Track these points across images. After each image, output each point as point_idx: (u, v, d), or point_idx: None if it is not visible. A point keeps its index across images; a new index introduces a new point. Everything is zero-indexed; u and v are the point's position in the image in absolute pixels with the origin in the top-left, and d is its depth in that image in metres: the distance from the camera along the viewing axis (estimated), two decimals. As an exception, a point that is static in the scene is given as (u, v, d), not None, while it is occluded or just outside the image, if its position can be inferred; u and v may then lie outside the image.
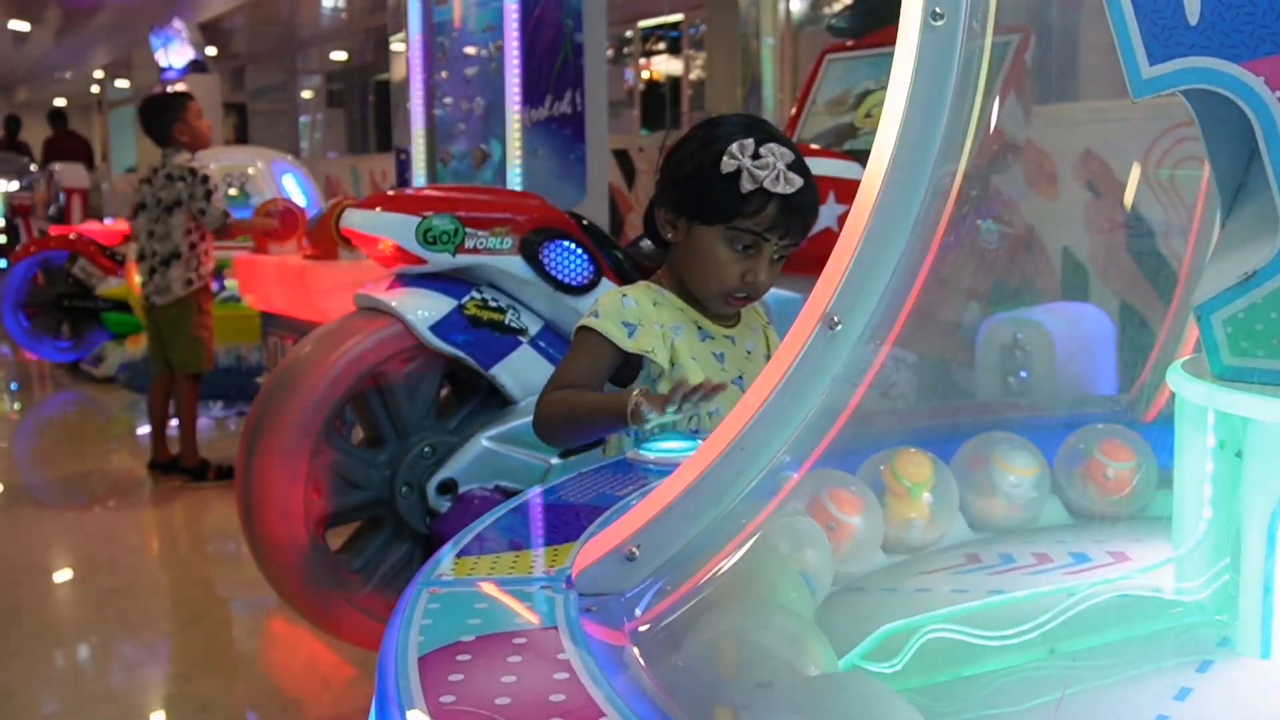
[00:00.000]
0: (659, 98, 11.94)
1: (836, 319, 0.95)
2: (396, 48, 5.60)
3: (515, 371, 2.78)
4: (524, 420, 2.73)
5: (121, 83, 19.41)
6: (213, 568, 4.15)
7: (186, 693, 3.01)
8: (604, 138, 4.42)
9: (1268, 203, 0.97)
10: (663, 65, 12.04)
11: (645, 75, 12.04)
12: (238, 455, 2.73)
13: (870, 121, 3.57)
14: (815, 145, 3.53)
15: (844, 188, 2.95)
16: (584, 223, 2.95)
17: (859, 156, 3.22)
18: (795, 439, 0.97)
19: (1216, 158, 1.06)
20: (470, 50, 4.63)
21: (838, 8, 6.48)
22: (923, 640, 0.97)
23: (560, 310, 2.83)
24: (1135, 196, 3.05)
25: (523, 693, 0.82)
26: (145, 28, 11.70)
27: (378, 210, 2.80)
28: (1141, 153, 3.36)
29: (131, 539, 4.46)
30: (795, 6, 9.26)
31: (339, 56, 17.10)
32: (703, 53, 10.52)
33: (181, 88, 8.09)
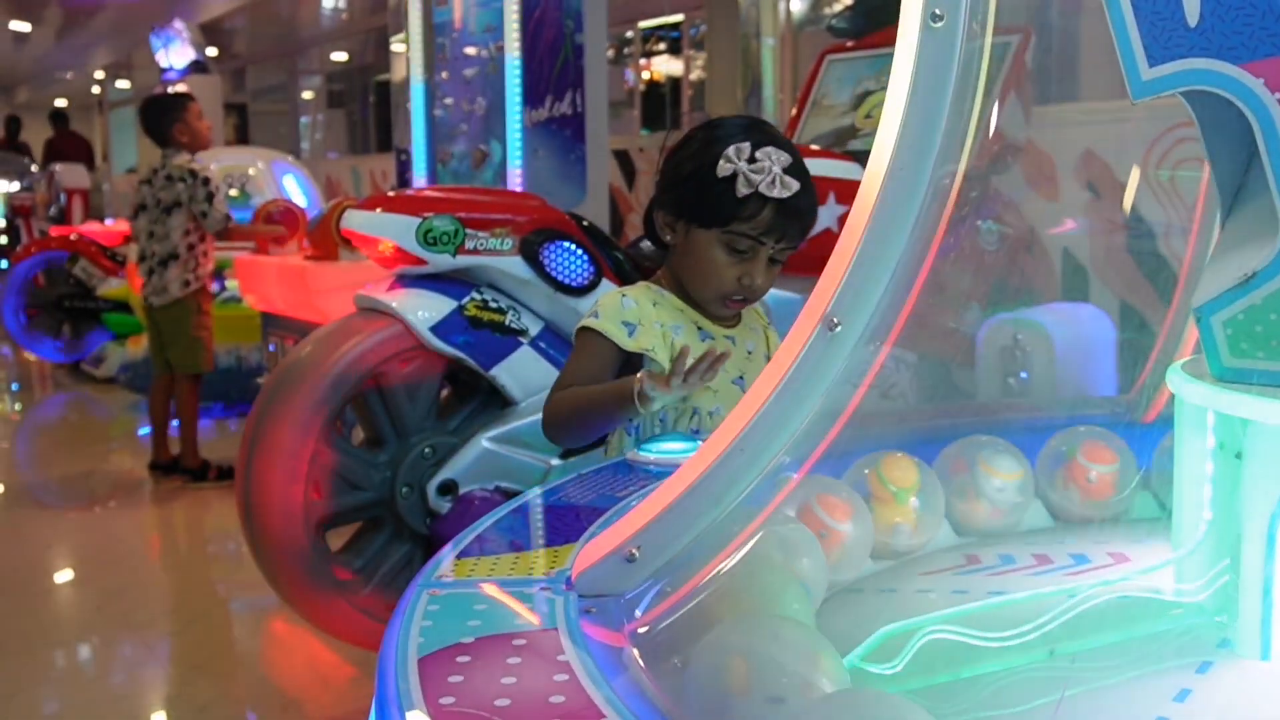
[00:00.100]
0: (659, 98, 11.94)
1: (836, 320, 0.94)
2: (397, 48, 5.60)
3: (515, 372, 2.78)
4: (524, 421, 2.74)
5: (122, 83, 19.42)
6: (213, 568, 4.15)
7: (186, 693, 3.01)
8: (604, 138, 4.42)
9: (1267, 204, 0.97)
10: (663, 66, 12.04)
11: (645, 76, 12.03)
12: (238, 456, 2.73)
13: (870, 122, 3.57)
14: (815, 146, 3.53)
15: (844, 188, 2.95)
16: (584, 223, 2.95)
17: (859, 157, 3.22)
18: (795, 440, 0.97)
19: (1216, 159, 1.06)
20: (470, 51, 4.63)
21: (838, 8, 6.48)
22: (922, 641, 0.96)
23: (560, 311, 2.83)
24: (1135, 197, 3.05)
25: (522, 694, 0.82)
26: (146, 28, 11.71)
27: (378, 211, 2.80)
28: (1141, 153, 3.35)
29: (132, 539, 4.46)
30: (795, 7, 9.26)
31: (339, 57, 17.11)
32: (703, 53, 10.52)
33: (182, 88, 8.09)
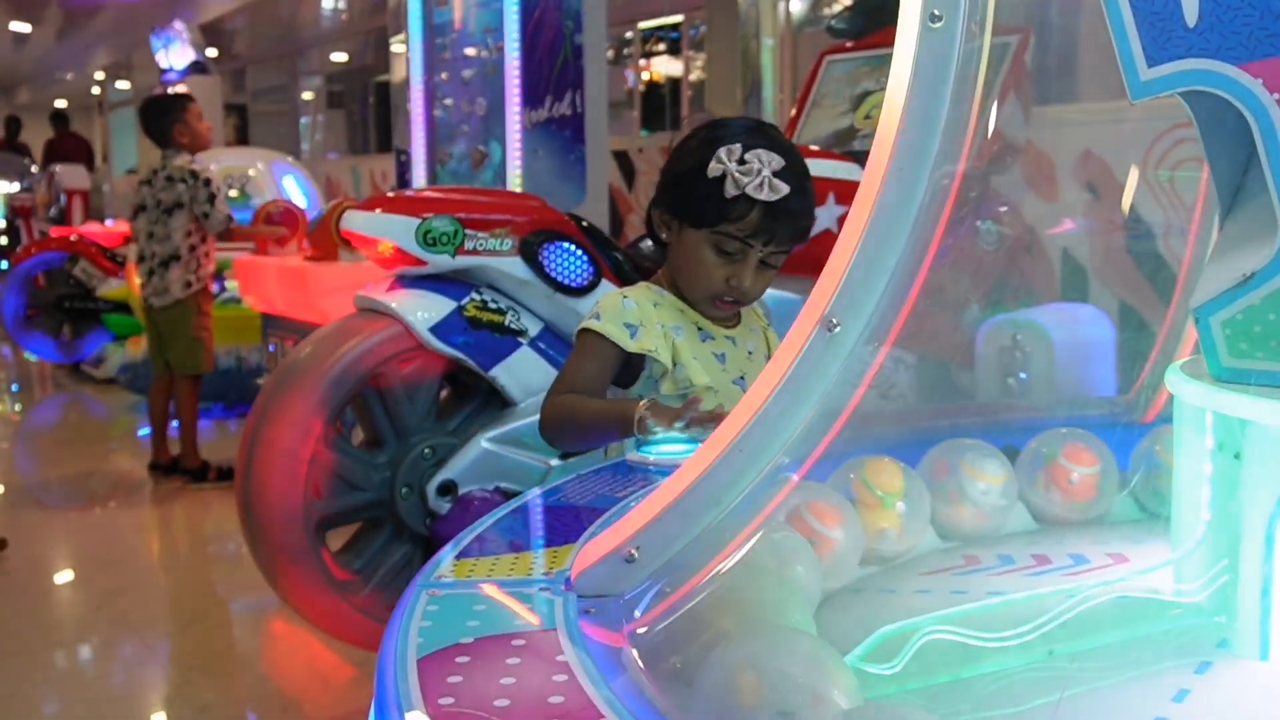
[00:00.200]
0: (659, 99, 11.93)
1: (835, 320, 0.95)
2: (397, 49, 5.60)
3: (515, 373, 2.78)
4: (524, 422, 2.74)
5: (122, 84, 19.43)
6: (213, 569, 4.15)
7: (186, 693, 3.01)
8: (604, 139, 4.42)
9: (1266, 204, 0.97)
10: (663, 66, 12.04)
11: (645, 76, 12.03)
12: (238, 456, 2.73)
13: (870, 123, 3.57)
14: (815, 146, 3.54)
15: (843, 189, 2.95)
16: (584, 224, 2.95)
17: (858, 158, 3.23)
18: (794, 441, 0.97)
19: (1215, 159, 1.06)
20: (470, 51, 4.63)
21: (837, 9, 6.48)
22: (922, 641, 0.96)
23: (560, 311, 2.83)
24: (1134, 198, 3.05)
25: (522, 694, 0.82)
26: (146, 29, 11.71)
27: (378, 212, 2.80)
28: (1141, 154, 3.36)
29: (132, 540, 4.46)
30: (795, 7, 9.27)
31: (339, 58, 17.10)
32: (703, 54, 10.52)
33: (182, 89, 8.09)
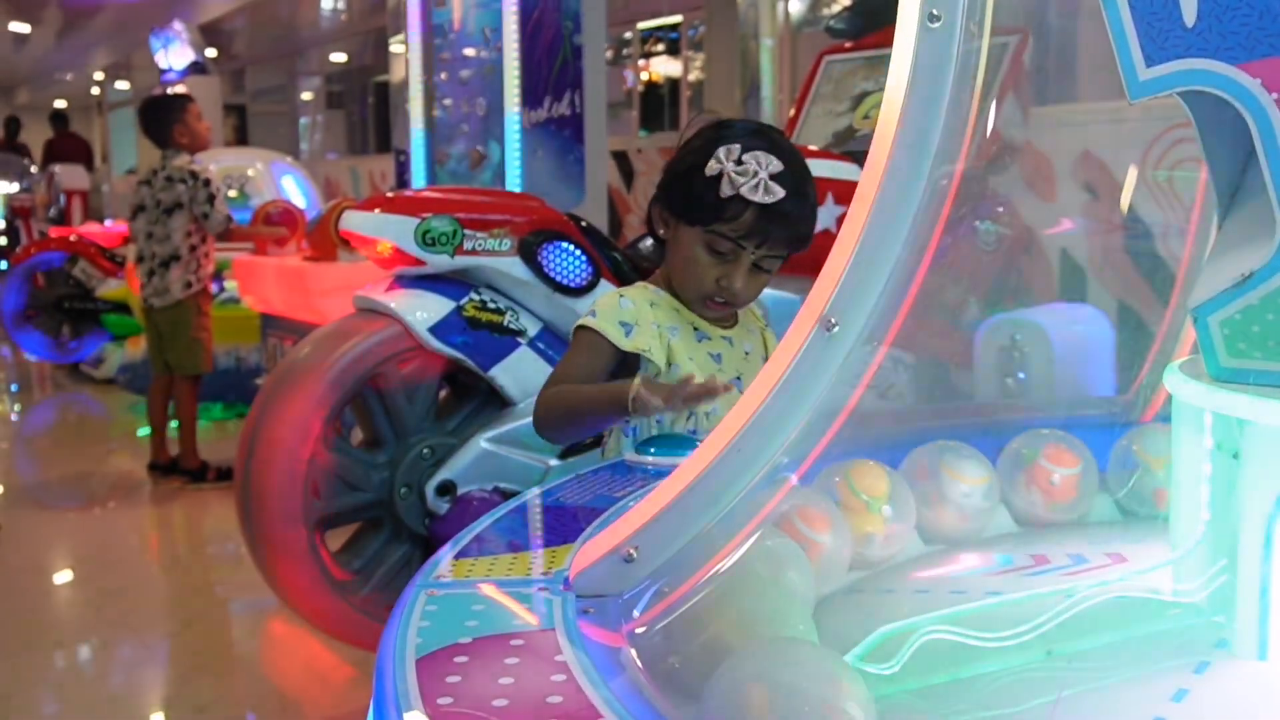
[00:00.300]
0: (658, 99, 11.94)
1: (834, 320, 0.95)
2: (396, 49, 5.60)
3: (514, 373, 2.78)
4: (523, 422, 2.73)
5: (122, 84, 19.44)
6: (212, 569, 4.15)
7: (186, 693, 3.01)
8: (603, 139, 4.42)
9: (1264, 204, 0.97)
10: (662, 67, 12.04)
11: (644, 77, 12.04)
12: (237, 456, 2.73)
13: (869, 123, 3.57)
14: (814, 146, 3.54)
15: (842, 189, 2.95)
16: (582, 224, 2.95)
17: (857, 158, 3.23)
18: (793, 441, 0.97)
19: (1213, 159, 1.06)
20: (469, 52, 4.63)
21: (836, 9, 6.48)
22: (920, 641, 0.96)
23: (559, 312, 2.83)
24: (1133, 198, 3.05)
25: (520, 694, 0.82)
26: (145, 29, 11.72)
27: (377, 212, 2.80)
28: (1139, 154, 3.36)
29: (131, 540, 4.46)
30: (794, 8, 9.27)
31: (339, 58, 17.11)
32: (702, 54, 10.53)
33: (181, 89, 8.09)
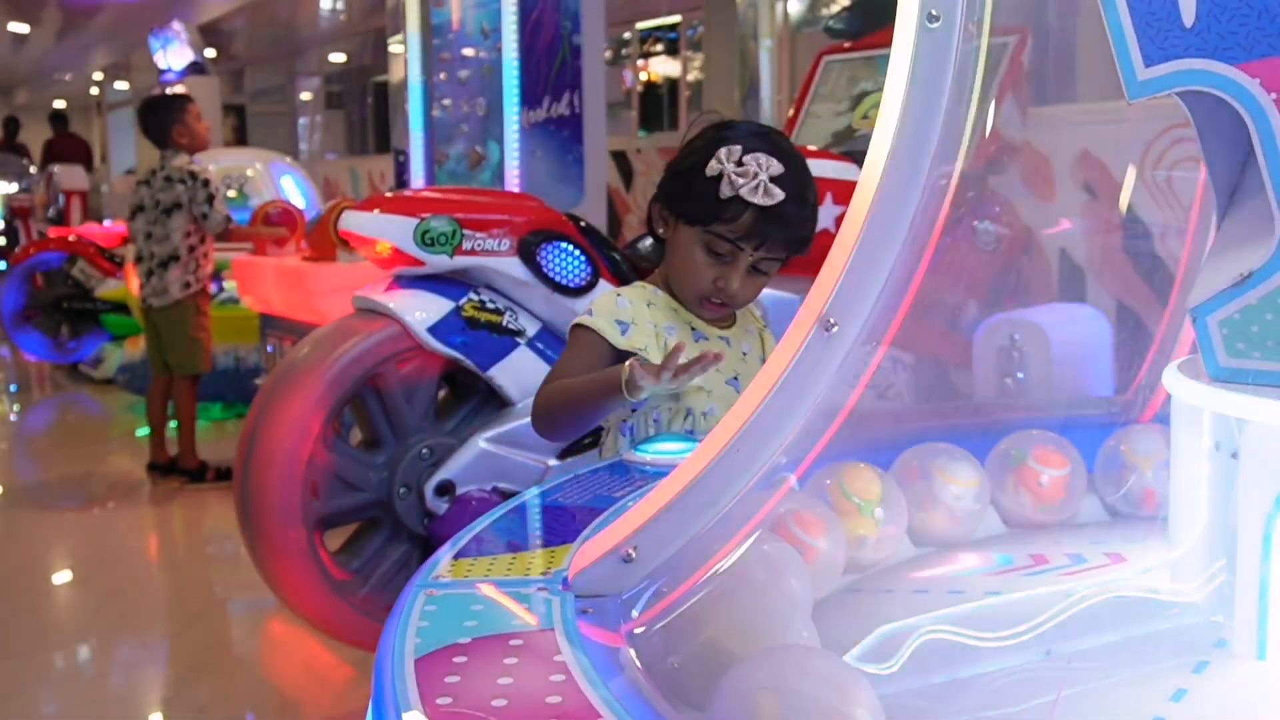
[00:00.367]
0: (657, 99, 11.94)
1: (833, 320, 0.94)
2: (395, 49, 5.60)
3: (513, 373, 2.78)
4: (522, 421, 2.74)
5: (121, 84, 19.43)
6: (211, 569, 4.15)
7: (185, 694, 3.01)
8: (602, 139, 4.42)
9: (1263, 204, 0.97)
10: (661, 67, 12.04)
11: (643, 77, 12.03)
12: (236, 456, 2.73)
13: (868, 123, 3.57)
14: (813, 146, 3.54)
15: (841, 189, 2.95)
16: (581, 224, 2.95)
17: (856, 158, 3.23)
18: (791, 441, 0.97)
19: (1212, 159, 1.06)
20: (468, 52, 4.63)
21: (835, 9, 6.49)
22: (919, 641, 0.96)
23: (558, 311, 2.83)
24: (1132, 198, 3.05)
25: (519, 694, 0.82)
26: (144, 30, 11.72)
27: (376, 212, 2.80)
28: (1138, 154, 3.36)
29: (130, 540, 4.46)
30: (793, 8, 9.27)
31: (338, 58, 17.10)
32: (701, 54, 10.53)
33: (180, 89, 8.08)
